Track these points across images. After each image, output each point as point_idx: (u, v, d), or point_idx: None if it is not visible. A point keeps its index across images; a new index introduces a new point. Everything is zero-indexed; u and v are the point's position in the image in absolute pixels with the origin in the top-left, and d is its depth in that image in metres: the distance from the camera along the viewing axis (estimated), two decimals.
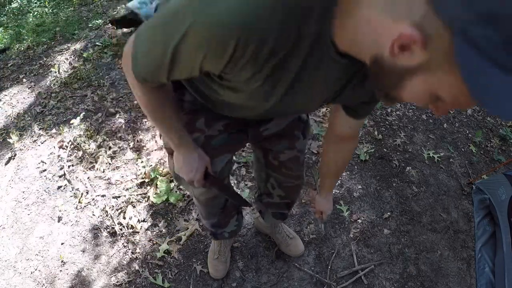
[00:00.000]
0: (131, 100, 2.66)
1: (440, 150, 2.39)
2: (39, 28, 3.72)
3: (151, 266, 1.70)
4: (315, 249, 1.78)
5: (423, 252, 1.82)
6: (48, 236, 1.84)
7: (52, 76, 2.97)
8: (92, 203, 1.98)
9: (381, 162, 2.26)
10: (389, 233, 1.88)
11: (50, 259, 1.75)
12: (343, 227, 1.89)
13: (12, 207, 1.99)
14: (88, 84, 2.86)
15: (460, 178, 2.22)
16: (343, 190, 2.07)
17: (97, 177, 2.11)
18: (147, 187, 2.04)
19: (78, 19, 3.90)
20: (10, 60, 3.30)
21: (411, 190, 2.11)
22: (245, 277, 1.66)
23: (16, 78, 3.04)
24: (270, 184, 1.31)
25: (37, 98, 2.77)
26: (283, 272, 1.68)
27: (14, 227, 1.90)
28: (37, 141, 2.37)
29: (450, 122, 2.67)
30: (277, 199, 1.37)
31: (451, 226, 1.95)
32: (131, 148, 2.28)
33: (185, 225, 1.84)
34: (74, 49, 3.33)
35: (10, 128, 2.50)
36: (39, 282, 1.67)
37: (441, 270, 1.76)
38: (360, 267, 1.71)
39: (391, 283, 1.68)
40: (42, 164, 2.21)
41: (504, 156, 2.43)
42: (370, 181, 2.13)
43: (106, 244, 1.80)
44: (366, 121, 2.53)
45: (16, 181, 2.13)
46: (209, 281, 1.64)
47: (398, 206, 2.02)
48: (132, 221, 1.86)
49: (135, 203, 1.96)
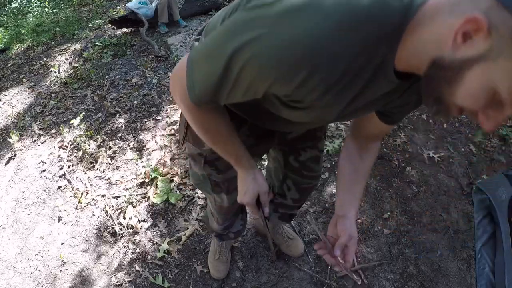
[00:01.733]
0: (131, 100, 2.66)
1: (440, 150, 2.39)
2: (39, 28, 3.72)
3: (151, 266, 1.70)
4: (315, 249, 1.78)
5: (423, 252, 1.82)
6: (48, 236, 1.84)
7: (52, 76, 2.97)
8: (92, 203, 1.98)
9: (381, 162, 2.26)
10: (389, 233, 1.88)
11: (50, 259, 1.75)
12: None
13: (12, 207, 1.99)
14: (88, 84, 2.86)
15: (460, 178, 2.22)
16: None
17: (97, 177, 2.11)
18: (147, 187, 2.04)
19: (78, 19, 3.90)
20: (10, 60, 3.30)
21: (411, 190, 2.11)
22: (245, 277, 1.66)
23: (16, 78, 3.04)
24: (286, 186, 1.29)
25: (37, 98, 2.77)
26: (283, 272, 1.68)
27: (14, 227, 1.89)
28: (37, 141, 2.37)
29: (450, 122, 2.67)
30: (290, 201, 1.35)
31: (451, 226, 1.95)
32: (131, 148, 2.28)
33: (185, 225, 1.84)
34: (74, 49, 3.33)
35: (10, 128, 2.50)
36: (39, 282, 1.67)
37: (441, 270, 1.76)
38: (360, 267, 1.71)
39: (391, 283, 1.68)
40: (42, 164, 2.21)
41: (504, 156, 2.43)
42: (370, 181, 2.13)
43: (106, 244, 1.80)
44: None
45: (16, 181, 2.13)
46: (209, 281, 1.64)
47: (398, 206, 2.01)
48: (132, 221, 1.86)
49: (135, 203, 1.96)
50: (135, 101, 2.64)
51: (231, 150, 0.84)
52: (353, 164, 0.89)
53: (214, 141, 0.81)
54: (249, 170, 0.89)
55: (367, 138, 0.89)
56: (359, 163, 0.89)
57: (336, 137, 2.37)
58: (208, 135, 0.79)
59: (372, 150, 0.91)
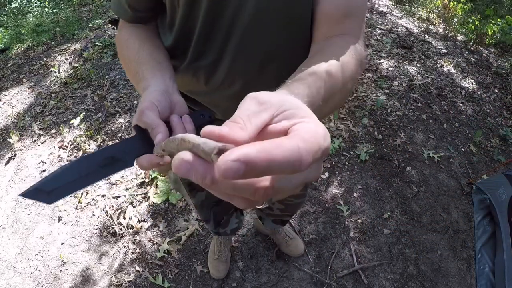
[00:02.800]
0: (131, 100, 2.66)
1: (440, 150, 2.39)
2: (39, 28, 3.72)
3: (151, 266, 1.70)
4: (315, 249, 1.78)
5: (423, 252, 1.82)
6: (48, 236, 1.84)
7: (52, 76, 2.97)
8: (92, 203, 1.98)
9: (381, 162, 2.26)
10: (389, 233, 1.88)
11: (50, 259, 1.75)
12: (343, 227, 1.88)
13: (12, 207, 1.99)
14: (88, 84, 2.86)
15: (460, 178, 2.22)
16: (343, 190, 2.07)
17: None
18: (147, 187, 2.04)
19: (78, 19, 3.90)
20: (10, 60, 3.30)
21: (411, 190, 2.11)
22: (245, 277, 1.66)
23: (16, 78, 3.04)
24: (269, 200, 1.28)
25: (37, 98, 2.76)
26: (283, 272, 1.68)
27: (14, 227, 1.89)
28: (37, 141, 2.37)
29: (450, 122, 2.67)
30: (278, 211, 1.37)
31: (451, 226, 1.95)
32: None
33: (185, 225, 1.84)
34: (74, 49, 3.33)
35: (10, 128, 2.50)
36: (39, 282, 1.67)
37: (441, 270, 1.76)
38: (360, 267, 1.71)
39: (391, 283, 1.68)
40: (42, 164, 2.21)
41: (504, 156, 2.43)
42: (370, 181, 2.13)
43: (106, 244, 1.80)
44: (366, 121, 2.53)
45: (16, 181, 2.13)
46: (209, 281, 1.64)
47: (398, 206, 2.01)
48: (132, 221, 1.86)
49: (135, 203, 1.96)
50: (135, 101, 2.64)
51: (135, 77, 0.63)
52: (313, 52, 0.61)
53: (125, 68, 0.68)
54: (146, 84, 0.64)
55: (328, 29, 0.61)
56: (325, 47, 0.58)
57: (336, 137, 2.37)
58: (122, 62, 0.69)
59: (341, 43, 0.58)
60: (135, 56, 0.63)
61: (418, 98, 2.84)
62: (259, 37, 0.65)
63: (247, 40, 0.65)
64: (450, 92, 3.00)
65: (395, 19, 4.14)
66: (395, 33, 3.79)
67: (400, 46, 3.55)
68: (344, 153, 2.28)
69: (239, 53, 0.66)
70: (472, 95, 3.03)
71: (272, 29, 0.64)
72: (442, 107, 2.80)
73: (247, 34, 0.64)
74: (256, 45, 0.66)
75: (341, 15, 0.59)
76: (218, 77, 0.70)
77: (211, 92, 0.73)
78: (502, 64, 3.63)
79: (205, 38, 0.66)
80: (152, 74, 0.58)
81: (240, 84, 0.70)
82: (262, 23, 0.62)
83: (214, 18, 0.63)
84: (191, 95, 0.79)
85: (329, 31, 0.60)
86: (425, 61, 3.38)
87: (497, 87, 3.22)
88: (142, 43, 0.65)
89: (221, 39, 0.65)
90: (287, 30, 0.64)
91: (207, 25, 0.64)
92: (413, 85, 2.98)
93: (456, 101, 2.91)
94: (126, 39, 0.67)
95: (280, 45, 0.66)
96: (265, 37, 0.65)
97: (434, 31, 4.07)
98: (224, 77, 0.69)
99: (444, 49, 3.67)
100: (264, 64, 0.68)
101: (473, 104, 2.92)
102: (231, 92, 0.72)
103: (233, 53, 0.66)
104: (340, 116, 2.55)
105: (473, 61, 3.57)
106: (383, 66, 3.20)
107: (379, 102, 2.68)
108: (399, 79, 3.05)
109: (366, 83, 2.95)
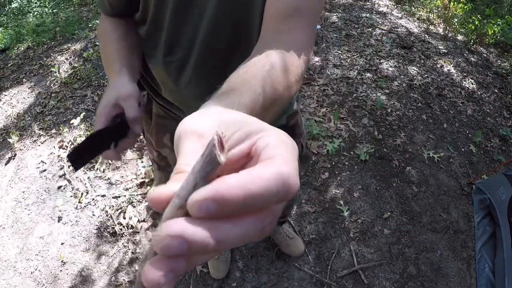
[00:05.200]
0: None
1: (440, 150, 2.39)
2: (39, 28, 3.72)
3: None
4: (315, 249, 1.78)
5: (423, 252, 1.82)
6: (48, 236, 1.84)
7: (52, 76, 2.97)
8: (92, 203, 1.98)
9: (381, 162, 2.26)
10: (389, 233, 1.88)
11: (50, 259, 1.75)
12: (343, 227, 1.88)
13: (12, 207, 1.99)
14: (88, 84, 2.86)
15: (460, 178, 2.22)
16: (343, 190, 2.07)
17: (97, 177, 2.11)
18: (147, 187, 2.04)
19: (78, 19, 3.90)
20: (10, 60, 3.30)
21: (411, 190, 2.11)
22: (245, 277, 1.66)
23: (16, 78, 3.04)
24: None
25: (37, 98, 2.76)
26: (283, 272, 1.68)
27: (14, 227, 1.89)
28: (37, 141, 2.37)
29: (450, 122, 2.67)
30: None
31: (451, 226, 1.95)
32: (131, 148, 2.28)
33: None
34: (74, 49, 3.33)
35: (10, 128, 2.50)
36: (39, 282, 1.67)
37: (441, 270, 1.76)
38: (360, 267, 1.71)
39: (391, 283, 1.68)
40: (42, 164, 2.21)
41: (504, 156, 2.43)
42: (370, 181, 2.13)
43: (106, 244, 1.80)
44: (366, 121, 2.53)
45: (16, 181, 2.13)
46: (209, 281, 1.64)
47: (398, 206, 2.01)
48: (132, 221, 1.86)
49: (135, 203, 1.96)
50: None
51: (109, 65, 0.70)
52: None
53: (102, 55, 0.77)
54: (115, 77, 0.67)
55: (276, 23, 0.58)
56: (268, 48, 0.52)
57: (336, 137, 2.37)
58: (101, 49, 0.80)
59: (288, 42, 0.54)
60: (112, 45, 0.74)
61: (418, 98, 2.84)
62: (224, 28, 0.68)
63: (212, 34, 0.68)
64: (450, 92, 3.00)
65: (395, 19, 4.14)
66: (395, 33, 3.79)
67: (400, 46, 3.55)
68: (344, 153, 2.28)
69: (206, 47, 0.70)
70: (472, 95, 3.03)
71: (234, 20, 0.68)
72: (442, 107, 2.80)
73: (212, 27, 0.67)
74: (221, 37, 0.69)
75: (288, 13, 0.56)
76: (187, 73, 0.74)
77: (182, 89, 0.78)
78: (502, 64, 3.63)
79: (175, 32, 0.70)
80: (123, 63, 0.70)
81: (207, 82, 0.74)
82: (226, 14, 0.67)
83: (183, 11, 0.68)
84: (167, 95, 0.83)
85: (275, 28, 0.57)
86: (425, 61, 3.38)
87: (497, 87, 3.22)
88: (117, 34, 0.75)
89: (190, 33, 0.70)
90: (247, 20, 0.68)
91: (177, 18, 0.68)
92: (413, 85, 2.98)
93: (456, 101, 2.91)
94: (105, 29, 0.77)
95: (241, 36, 0.70)
96: (228, 28, 0.68)
97: (434, 31, 4.07)
98: (192, 72, 0.73)
99: (444, 49, 3.67)
100: (228, 57, 0.72)
101: (473, 104, 2.92)
102: (198, 91, 0.76)
103: (200, 47, 0.70)
104: (340, 116, 2.55)
105: (473, 61, 3.58)
106: (383, 66, 3.20)
107: (379, 102, 2.68)
108: (399, 79, 3.05)
109: (366, 83, 2.95)
